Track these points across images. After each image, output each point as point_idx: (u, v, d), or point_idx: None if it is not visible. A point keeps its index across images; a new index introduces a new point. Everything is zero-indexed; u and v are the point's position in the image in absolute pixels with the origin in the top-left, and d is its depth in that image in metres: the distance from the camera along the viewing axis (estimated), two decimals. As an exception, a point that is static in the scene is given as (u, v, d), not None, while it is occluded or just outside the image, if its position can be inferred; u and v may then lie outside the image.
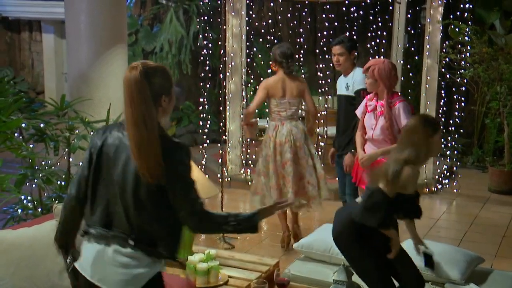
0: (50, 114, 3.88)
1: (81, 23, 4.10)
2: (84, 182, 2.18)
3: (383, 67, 3.89)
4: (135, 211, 2.08)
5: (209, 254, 3.63)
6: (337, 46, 4.46)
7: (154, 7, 9.80)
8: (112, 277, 2.08)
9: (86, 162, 2.18)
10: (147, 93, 2.06)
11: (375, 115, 3.98)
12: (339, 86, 4.61)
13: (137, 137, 2.04)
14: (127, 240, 2.09)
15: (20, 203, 3.78)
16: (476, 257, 3.51)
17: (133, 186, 2.07)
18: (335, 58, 4.49)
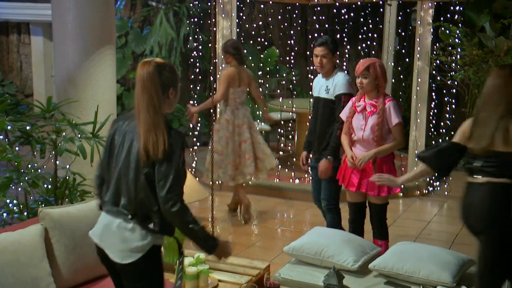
0: (37, 116, 3.81)
1: (68, 23, 4.03)
2: (104, 164, 2.55)
3: (382, 65, 3.94)
4: (135, 191, 2.39)
5: (198, 257, 3.58)
6: (321, 47, 4.31)
7: (144, 9, 9.74)
8: (115, 247, 2.43)
9: (104, 148, 2.57)
10: (158, 83, 2.38)
11: (365, 116, 3.96)
12: (317, 88, 4.48)
13: (147, 120, 2.35)
14: (128, 216, 2.41)
15: (6, 207, 3.70)
16: (467, 259, 3.49)
17: (135, 169, 2.38)
18: (317, 60, 4.33)
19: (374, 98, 3.95)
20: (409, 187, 6.79)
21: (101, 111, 3.89)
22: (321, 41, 4.35)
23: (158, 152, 2.31)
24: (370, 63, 3.93)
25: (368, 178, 3.97)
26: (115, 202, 2.46)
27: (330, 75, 4.37)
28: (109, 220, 2.47)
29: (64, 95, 4.10)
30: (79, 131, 3.63)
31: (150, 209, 2.39)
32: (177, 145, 2.36)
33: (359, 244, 3.62)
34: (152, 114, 2.36)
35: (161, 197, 2.32)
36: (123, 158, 2.43)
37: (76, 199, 3.72)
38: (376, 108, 3.93)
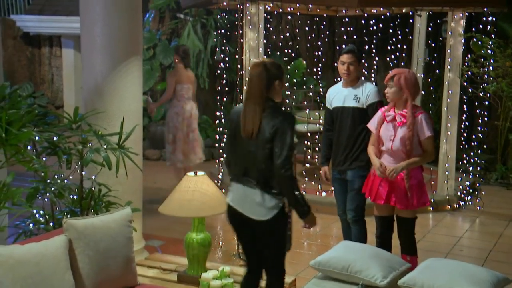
0: (64, 127, 3.83)
1: (96, 35, 4.06)
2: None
3: (408, 76, 3.87)
4: (258, 163, 3.07)
5: (223, 271, 3.54)
6: (348, 55, 4.29)
7: (172, 22, 9.82)
8: (253, 208, 3.10)
9: (228, 132, 3.28)
10: (264, 78, 3.05)
11: (394, 126, 3.89)
12: (338, 98, 4.38)
13: (246, 107, 3.10)
14: (254, 183, 3.09)
15: (32, 218, 3.71)
16: (502, 278, 3.35)
17: (257, 146, 3.06)
18: (344, 67, 4.28)
19: (404, 109, 3.89)
20: (440, 201, 6.63)
21: (127, 122, 3.89)
22: (348, 49, 4.34)
23: (254, 135, 3.04)
24: (396, 73, 3.90)
25: (397, 191, 3.89)
26: (244, 173, 3.14)
27: (355, 84, 4.33)
28: (241, 188, 3.15)
29: (91, 106, 4.12)
30: (105, 142, 3.62)
31: (270, 177, 3.03)
32: (289, 124, 3.03)
33: (388, 260, 3.51)
34: (252, 103, 3.05)
35: (278, 163, 2.97)
36: (245, 140, 3.10)
37: (101, 210, 3.71)
38: (406, 119, 3.85)
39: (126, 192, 4.18)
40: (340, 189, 4.45)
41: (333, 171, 4.49)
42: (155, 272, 3.93)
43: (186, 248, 3.79)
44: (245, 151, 3.12)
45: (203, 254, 3.78)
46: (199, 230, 3.80)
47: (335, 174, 4.46)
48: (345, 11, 7.31)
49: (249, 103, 3.09)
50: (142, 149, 4.52)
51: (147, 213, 4.94)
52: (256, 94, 3.06)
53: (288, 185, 3.02)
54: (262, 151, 3.04)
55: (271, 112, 3.05)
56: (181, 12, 9.60)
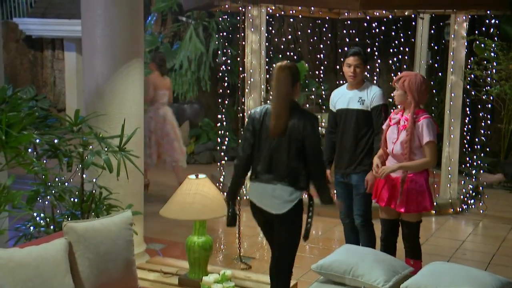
0: (65, 129, 3.81)
1: (97, 36, 4.05)
2: (250, 147, 3.41)
3: (414, 79, 3.83)
4: (287, 161, 3.31)
5: (224, 274, 3.51)
6: (355, 57, 4.26)
7: (175, 25, 9.82)
8: (273, 203, 3.35)
9: (249, 133, 3.42)
10: (290, 81, 3.33)
11: (398, 129, 3.87)
12: (343, 100, 4.34)
13: (276, 107, 3.34)
14: (280, 179, 3.32)
15: (33, 221, 3.69)
16: (506, 282, 3.31)
17: (287, 144, 3.31)
18: (351, 69, 4.25)
19: (410, 112, 3.86)
20: (443, 204, 6.59)
21: (128, 125, 3.87)
22: (354, 51, 4.30)
23: (282, 133, 3.30)
24: (402, 75, 3.88)
25: (397, 194, 3.87)
26: (268, 171, 3.35)
27: (360, 86, 4.29)
28: (264, 186, 3.37)
29: (92, 108, 4.11)
30: (106, 145, 3.60)
31: (299, 173, 3.31)
32: (315, 120, 3.35)
33: (390, 264, 3.48)
34: (280, 102, 3.32)
35: (316, 160, 3.32)
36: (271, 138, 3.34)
37: (102, 213, 3.69)
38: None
39: (127, 195, 4.16)
40: (343, 193, 4.41)
41: (336, 174, 4.46)
42: (156, 275, 3.90)
43: (187, 252, 3.76)
44: (271, 149, 3.34)
45: (204, 258, 3.75)
46: (200, 233, 3.77)
47: (338, 178, 4.43)
48: (347, 13, 7.30)
49: (278, 104, 3.34)
50: (143, 152, 4.50)
51: (148, 216, 4.92)
52: (284, 96, 3.32)
53: (321, 177, 3.39)
54: (293, 147, 3.30)
55: (296, 112, 3.34)
56: (183, 15, 9.60)
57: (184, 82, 9.36)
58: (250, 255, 5.15)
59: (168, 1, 9.50)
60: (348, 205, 4.38)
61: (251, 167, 3.49)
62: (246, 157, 3.45)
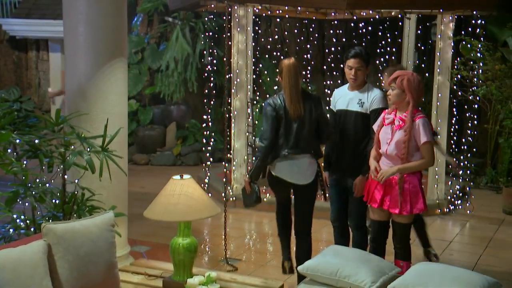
0: (46, 129, 3.73)
1: (80, 34, 3.96)
2: (275, 131, 4.06)
3: (412, 78, 3.78)
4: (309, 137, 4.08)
5: (209, 276, 3.44)
6: (356, 59, 4.11)
7: (161, 26, 9.75)
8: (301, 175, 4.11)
9: (274, 119, 4.05)
10: (299, 72, 4.10)
11: (392, 129, 3.82)
12: (346, 101, 4.25)
13: (294, 95, 4.05)
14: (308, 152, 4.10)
15: (12, 223, 3.60)
16: (493, 282, 3.28)
17: (308, 124, 4.05)
18: (352, 72, 4.13)
19: (405, 112, 3.82)
20: (430, 205, 6.58)
21: (111, 125, 3.79)
22: (356, 53, 4.15)
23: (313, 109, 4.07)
24: (399, 75, 3.80)
25: (391, 195, 3.82)
26: (296, 146, 4.05)
27: (361, 88, 4.19)
28: (293, 162, 4.08)
29: (75, 108, 4.02)
30: (88, 145, 3.53)
31: (317, 145, 4.18)
32: (321, 100, 4.18)
33: (377, 265, 3.44)
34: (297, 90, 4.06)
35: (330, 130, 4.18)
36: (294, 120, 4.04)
37: (85, 215, 3.60)
38: (405, 122, 3.78)
39: (111, 196, 4.08)
40: (337, 196, 4.34)
41: (332, 175, 4.37)
42: (140, 278, 3.82)
43: (171, 254, 3.69)
44: (295, 129, 4.04)
45: (189, 260, 3.68)
46: (185, 235, 3.70)
47: (334, 180, 4.36)
48: (334, 14, 7.29)
49: (294, 92, 4.03)
50: (127, 153, 4.42)
51: (134, 218, 4.84)
52: (298, 85, 4.05)
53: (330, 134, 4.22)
54: (311, 126, 4.05)
55: (306, 96, 4.11)
56: (170, 16, 9.52)
57: (170, 83, 9.29)
58: (236, 257, 5.09)
59: (154, 1, 9.42)
60: (339, 208, 4.32)
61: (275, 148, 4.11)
62: (273, 140, 4.06)
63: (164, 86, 9.34)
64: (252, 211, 6.18)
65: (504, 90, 6.99)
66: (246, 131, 6.71)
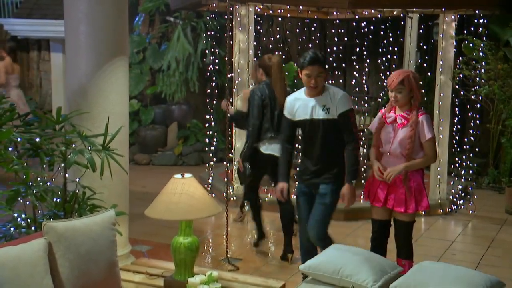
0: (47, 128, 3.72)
1: (80, 33, 3.96)
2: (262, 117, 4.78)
3: (416, 75, 3.83)
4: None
5: (210, 276, 3.43)
6: (315, 66, 3.73)
7: (162, 26, 9.73)
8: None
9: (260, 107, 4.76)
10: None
11: (394, 128, 3.81)
12: (308, 109, 3.87)
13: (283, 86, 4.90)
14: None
15: (13, 221, 3.59)
16: (496, 281, 3.27)
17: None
18: (311, 80, 3.75)
19: (406, 110, 3.81)
20: (432, 205, 6.54)
21: (112, 123, 3.78)
22: (312, 58, 3.76)
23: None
24: (404, 76, 3.75)
25: (396, 193, 3.82)
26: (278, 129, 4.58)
27: (322, 92, 3.85)
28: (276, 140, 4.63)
29: (75, 107, 4.01)
30: (89, 143, 3.52)
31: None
32: None
33: (379, 263, 3.43)
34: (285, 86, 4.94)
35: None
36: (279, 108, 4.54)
37: (86, 214, 3.59)
38: (408, 120, 3.78)
39: (112, 195, 4.07)
40: (306, 205, 4.03)
41: (300, 184, 4.09)
42: (141, 277, 3.81)
43: (172, 253, 3.68)
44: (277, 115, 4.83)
45: (190, 259, 3.67)
46: (186, 234, 3.69)
47: (302, 187, 4.06)
48: (336, 13, 7.26)
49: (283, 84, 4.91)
50: (128, 152, 4.41)
51: (135, 218, 4.83)
52: (284, 78, 4.92)
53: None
54: None
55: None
56: (171, 16, 9.51)
57: (172, 83, 9.28)
58: (237, 257, 5.07)
59: (156, 1, 9.41)
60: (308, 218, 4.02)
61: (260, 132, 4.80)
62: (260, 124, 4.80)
63: (165, 86, 9.33)
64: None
65: (507, 90, 6.97)
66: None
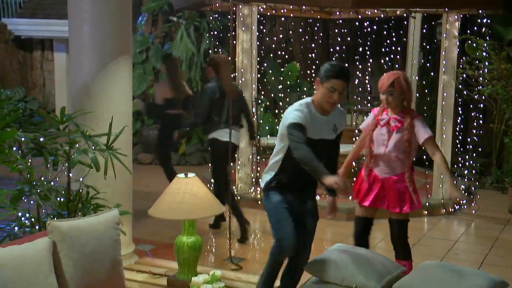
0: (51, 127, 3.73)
1: (84, 33, 3.96)
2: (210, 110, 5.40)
3: (406, 77, 3.82)
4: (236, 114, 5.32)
5: (214, 275, 3.44)
6: (343, 82, 3.29)
7: (165, 25, 9.75)
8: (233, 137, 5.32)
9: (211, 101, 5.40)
10: None
11: (388, 130, 3.80)
12: (319, 128, 3.39)
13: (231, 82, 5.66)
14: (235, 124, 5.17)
15: (17, 221, 3.60)
16: (499, 281, 3.26)
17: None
18: (334, 95, 3.27)
19: (399, 112, 3.80)
20: (435, 205, 6.56)
21: (116, 123, 3.78)
22: (343, 71, 3.32)
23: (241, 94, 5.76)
24: (394, 78, 3.76)
25: (389, 194, 3.83)
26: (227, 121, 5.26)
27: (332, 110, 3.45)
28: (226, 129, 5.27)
29: (79, 106, 4.02)
30: (93, 143, 3.52)
31: (240, 120, 5.73)
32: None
33: (382, 263, 3.43)
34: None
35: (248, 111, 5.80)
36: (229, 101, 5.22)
37: (89, 213, 3.60)
38: (401, 123, 3.77)
39: (115, 195, 4.08)
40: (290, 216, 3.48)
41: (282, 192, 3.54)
42: (145, 276, 3.83)
43: (176, 252, 3.69)
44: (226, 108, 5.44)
45: (193, 258, 3.68)
46: (189, 233, 3.70)
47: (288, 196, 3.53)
48: (339, 13, 7.26)
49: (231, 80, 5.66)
50: (132, 151, 4.42)
51: (138, 217, 4.84)
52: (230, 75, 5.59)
53: None
54: (238, 104, 5.58)
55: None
56: (174, 15, 9.52)
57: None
58: (240, 256, 5.08)
59: (159, 1, 9.42)
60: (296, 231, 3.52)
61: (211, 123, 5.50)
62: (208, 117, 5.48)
63: (168, 85, 9.34)
64: (256, 211, 6.18)
65: (510, 90, 6.96)
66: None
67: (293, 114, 3.32)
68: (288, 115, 3.36)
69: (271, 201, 3.51)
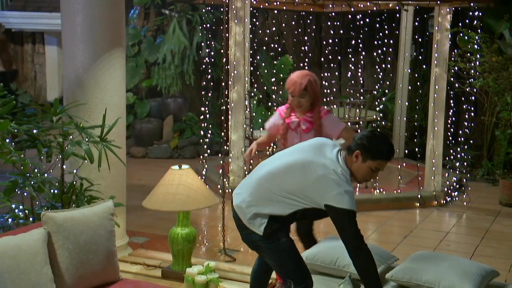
0: (44, 119, 3.72)
1: (77, 24, 3.95)
2: None
3: (316, 78, 3.78)
4: None
5: (208, 266, 3.45)
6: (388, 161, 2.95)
7: (158, 18, 9.71)
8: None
9: None
10: None
11: (299, 133, 3.80)
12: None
13: None
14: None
15: (11, 212, 3.60)
16: (490, 270, 3.30)
17: None
18: (375, 175, 2.98)
19: (308, 112, 3.80)
20: (427, 197, 6.61)
21: (110, 115, 3.79)
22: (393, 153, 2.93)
23: None
24: (306, 82, 3.71)
25: None
26: None
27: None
28: None
29: (72, 98, 4.01)
30: (86, 135, 3.52)
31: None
32: None
33: (376, 253, 3.43)
34: None
35: None
36: None
37: (83, 205, 3.60)
38: (311, 124, 3.78)
39: (109, 186, 4.08)
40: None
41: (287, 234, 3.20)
42: (139, 268, 3.84)
43: (170, 243, 3.70)
44: None
45: (187, 249, 3.70)
46: (183, 225, 3.72)
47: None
48: (332, 6, 7.27)
49: None
50: (125, 143, 4.42)
51: (131, 210, 4.84)
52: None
53: None
54: None
55: None
56: (166, 8, 9.49)
57: (167, 76, 9.27)
58: (234, 248, 5.10)
59: (151, -7, 9.40)
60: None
61: None
62: None
63: (161, 79, 9.32)
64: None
65: (501, 82, 7.00)
66: (244, 123, 6.71)
67: (348, 198, 2.76)
68: (336, 189, 2.76)
69: (280, 243, 2.95)
